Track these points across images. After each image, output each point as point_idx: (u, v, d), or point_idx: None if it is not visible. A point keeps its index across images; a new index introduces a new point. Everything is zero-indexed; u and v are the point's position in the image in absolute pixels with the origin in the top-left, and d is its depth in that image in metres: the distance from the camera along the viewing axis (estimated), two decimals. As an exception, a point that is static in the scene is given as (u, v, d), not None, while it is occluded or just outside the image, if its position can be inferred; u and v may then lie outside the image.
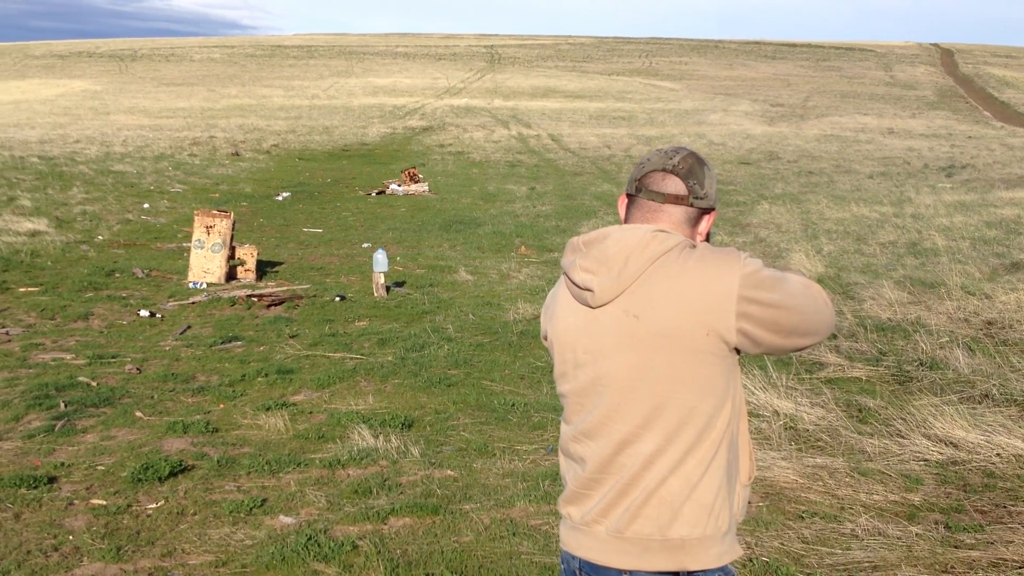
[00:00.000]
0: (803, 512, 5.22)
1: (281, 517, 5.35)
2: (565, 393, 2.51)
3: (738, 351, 2.36)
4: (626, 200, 2.51)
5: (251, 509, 5.44)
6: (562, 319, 2.49)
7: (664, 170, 2.42)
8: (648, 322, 2.31)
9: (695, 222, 2.45)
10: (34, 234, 15.87)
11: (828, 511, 5.21)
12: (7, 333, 9.73)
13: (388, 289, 11.88)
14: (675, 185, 2.41)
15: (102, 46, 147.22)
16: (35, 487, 5.71)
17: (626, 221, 2.49)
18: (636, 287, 2.33)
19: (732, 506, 2.41)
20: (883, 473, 5.71)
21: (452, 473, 6.00)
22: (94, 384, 8.07)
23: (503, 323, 10.14)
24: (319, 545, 4.88)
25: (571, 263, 2.43)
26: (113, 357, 9.00)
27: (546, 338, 2.59)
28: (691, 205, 2.42)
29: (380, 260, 11.68)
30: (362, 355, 9.04)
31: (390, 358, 8.89)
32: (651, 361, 2.32)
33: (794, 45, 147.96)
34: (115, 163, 30.22)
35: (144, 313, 10.74)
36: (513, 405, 7.38)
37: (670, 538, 2.32)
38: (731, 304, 2.25)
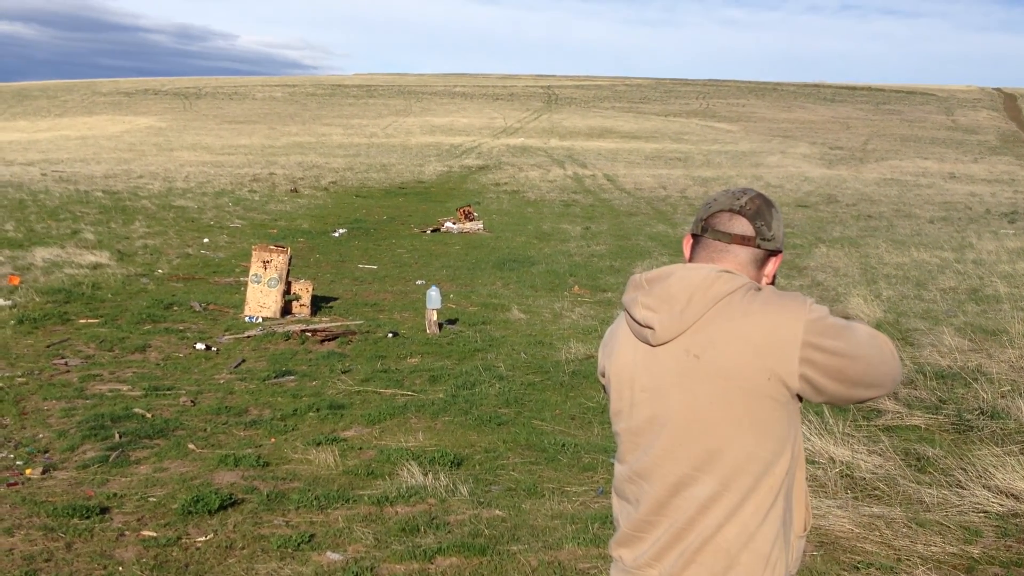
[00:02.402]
0: (858, 563, 5.09)
1: (328, 554, 5.34)
2: (620, 431, 2.48)
3: (800, 398, 2.31)
4: (691, 240, 2.48)
5: (299, 544, 5.43)
6: (620, 356, 2.46)
7: (731, 210, 2.39)
8: (708, 363, 2.27)
9: (761, 264, 2.41)
10: (96, 266, 16.18)
11: (884, 562, 5.09)
12: (66, 364, 9.89)
13: (440, 326, 11.91)
14: (742, 226, 2.38)
15: (167, 84, 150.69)
16: (87, 517, 5.77)
17: (691, 261, 2.46)
18: (698, 327, 2.29)
19: (788, 557, 2.36)
20: (941, 524, 5.56)
21: (500, 513, 5.95)
22: (149, 416, 8.15)
23: (555, 362, 10.10)
24: (365, 583, 4.86)
25: (632, 300, 2.41)
26: (169, 389, 9.10)
27: (603, 375, 2.56)
28: (758, 246, 2.39)
29: (433, 297, 11.72)
30: (413, 392, 9.05)
31: (441, 395, 8.88)
32: (709, 403, 2.28)
33: (854, 88, 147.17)
34: (177, 198, 30.78)
35: (200, 346, 10.86)
36: (564, 445, 7.33)
37: None
38: (794, 349, 2.21)
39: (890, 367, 2.30)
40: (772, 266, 2.44)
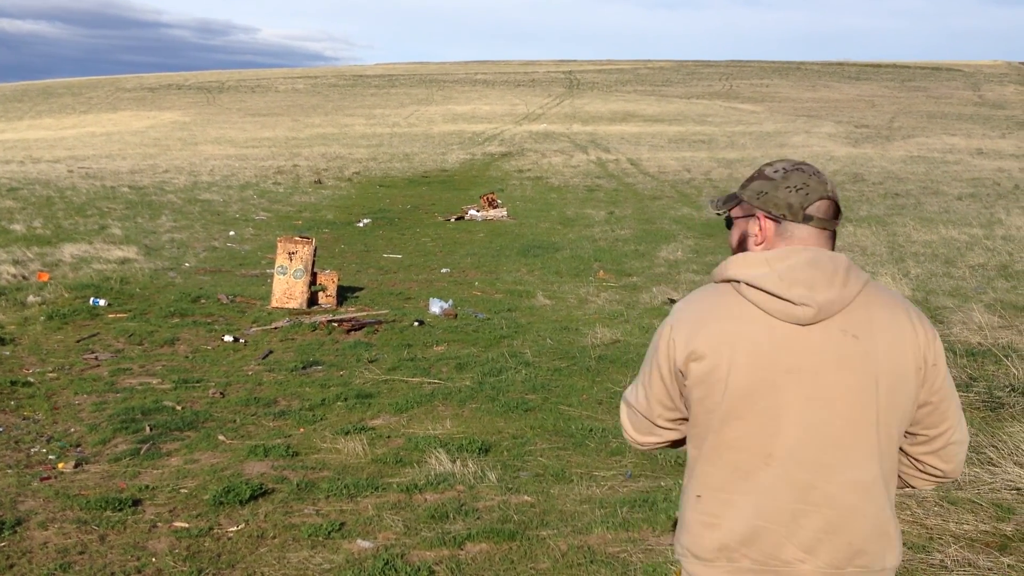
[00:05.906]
0: (890, 542, 5.06)
1: (359, 541, 5.37)
2: (735, 415, 2.33)
3: None
4: (773, 226, 2.39)
5: (329, 533, 5.47)
6: (743, 336, 2.31)
7: (829, 198, 2.40)
8: (868, 344, 2.29)
9: None
10: (124, 261, 16.29)
11: (916, 541, 5.06)
12: (96, 358, 9.98)
13: (456, 315, 11.94)
14: (836, 209, 2.43)
15: (190, 78, 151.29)
16: (120, 509, 5.83)
17: (774, 247, 2.37)
18: (853, 307, 2.30)
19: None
20: (973, 502, 5.52)
21: (529, 499, 5.97)
22: (179, 408, 8.22)
23: (581, 348, 10.09)
24: (396, 570, 4.89)
25: (764, 275, 2.29)
26: (198, 381, 9.17)
27: (694, 358, 2.34)
28: None
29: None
30: (440, 380, 9.07)
31: (468, 383, 8.90)
32: (866, 383, 2.28)
33: (879, 65, 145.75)
34: (202, 192, 30.92)
35: (228, 338, 10.93)
36: (591, 430, 7.33)
37: (887, 567, 2.36)
38: (932, 353, 2.34)
39: (964, 429, 2.46)
40: None
